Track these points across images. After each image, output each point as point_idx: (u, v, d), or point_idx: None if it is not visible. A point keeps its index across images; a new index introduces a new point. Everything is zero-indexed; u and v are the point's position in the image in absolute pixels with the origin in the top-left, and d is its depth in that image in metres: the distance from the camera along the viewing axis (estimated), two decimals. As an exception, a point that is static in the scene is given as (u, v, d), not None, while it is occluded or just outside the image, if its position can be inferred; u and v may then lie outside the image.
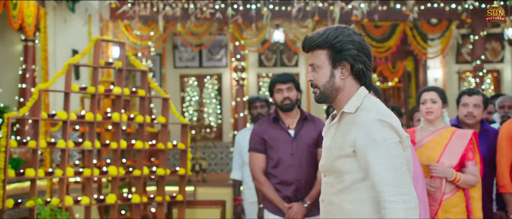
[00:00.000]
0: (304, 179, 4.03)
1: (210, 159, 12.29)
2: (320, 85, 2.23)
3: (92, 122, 5.27)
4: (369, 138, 2.10)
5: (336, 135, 2.23)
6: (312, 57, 2.25)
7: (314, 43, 2.22)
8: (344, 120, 2.22)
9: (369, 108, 2.18)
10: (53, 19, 8.96)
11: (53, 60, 8.92)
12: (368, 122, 2.12)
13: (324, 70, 2.22)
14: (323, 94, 2.24)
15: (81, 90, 5.26)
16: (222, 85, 12.65)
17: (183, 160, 5.68)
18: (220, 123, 12.58)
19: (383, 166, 2.06)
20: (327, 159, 2.24)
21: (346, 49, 2.19)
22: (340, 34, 2.20)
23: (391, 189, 2.03)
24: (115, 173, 5.30)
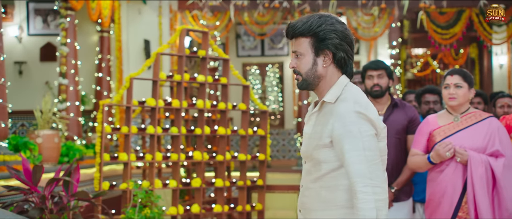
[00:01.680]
0: (391, 165, 4.06)
1: (272, 145, 12.49)
2: (303, 72, 2.26)
3: (178, 108, 5.51)
4: (345, 129, 2.15)
5: (316, 123, 2.27)
6: (295, 45, 2.28)
7: (298, 31, 2.24)
8: (325, 109, 2.26)
9: (348, 99, 2.21)
10: (126, 10, 9.29)
11: (126, 50, 9.27)
12: (346, 113, 2.17)
13: (307, 58, 2.25)
14: (305, 82, 2.27)
15: (168, 78, 5.50)
16: (283, 73, 12.81)
17: (263, 146, 5.86)
18: (282, 111, 12.75)
19: (357, 158, 2.13)
20: (307, 147, 2.28)
21: (328, 38, 2.22)
22: (323, 23, 2.22)
23: (363, 180, 2.10)
24: (200, 158, 5.53)
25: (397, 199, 4.05)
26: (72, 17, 7.78)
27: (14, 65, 9.10)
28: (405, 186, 4.08)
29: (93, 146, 8.14)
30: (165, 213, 5.35)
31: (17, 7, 9.36)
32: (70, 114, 7.72)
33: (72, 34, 7.79)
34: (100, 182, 5.16)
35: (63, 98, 7.73)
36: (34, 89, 9.21)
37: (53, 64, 9.24)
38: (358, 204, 2.11)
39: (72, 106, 7.78)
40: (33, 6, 9.42)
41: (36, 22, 9.48)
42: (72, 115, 7.77)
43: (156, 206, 5.04)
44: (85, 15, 8.55)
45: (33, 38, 9.48)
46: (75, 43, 7.88)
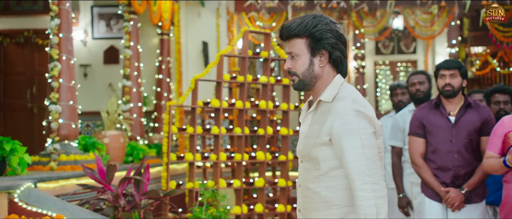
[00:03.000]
0: (463, 166, 4.01)
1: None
2: (299, 73, 2.27)
3: (241, 109, 5.60)
4: (344, 127, 2.16)
5: (312, 123, 2.29)
6: (290, 46, 2.28)
7: (293, 32, 2.25)
8: (321, 108, 2.27)
9: (346, 98, 2.21)
10: (185, 13, 9.49)
11: (185, 52, 9.46)
12: (345, 112, 2.17)
13: (303, 59, 2.26)
14: (302, 82, 2.28)
15: (232, 79, 5.60)
16: (338, 73, 12.75)
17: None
18: (338, 111, 12.69)
19: (356, 156, 2.14)
20: (304, 146, 2.29)
21: (325, 38, 2.23)
22: (319, 23, 2.24)
23: (362, 177, 2.12)
24: (263, 158, 5.61)
25: (469, 200, 4.00)
26: (135, 21, 8.02)
27: (79, 68, 9.44)
28: (477, 188, 4.02)
29: (155, 145, 8.36)
30: (229, 212, 5.45)
31: (82, 12, 9.70)
32: (133, 114, 7.96)
33: (135, 37, 8.03)
34: (167, 181, 5.31)
35: (127, 99, 7.97)
36: (98, 91, 9.53)
37: (116, 66, 9.53)
38: (357, 201, 2.12)
39: (135, 107, 8.02)
40: (97, 10, 9.74)
41: (100, 26, 9.80)
42: (135, 116, 8.00)
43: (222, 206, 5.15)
44: (146, 18, 8.78)
45: (97, 41, 9.81)
46: (137, 46, 8.11)
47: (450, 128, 4.06)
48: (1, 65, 10.05)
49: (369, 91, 11.94)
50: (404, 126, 4.89)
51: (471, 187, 4.00)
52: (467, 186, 4.01)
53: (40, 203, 4.11)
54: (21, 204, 4.07)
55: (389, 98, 6.31)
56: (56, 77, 5.88)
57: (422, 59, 12.24)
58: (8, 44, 10.02)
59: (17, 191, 4.09)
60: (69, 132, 5.99)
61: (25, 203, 4.07)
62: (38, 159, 5.85)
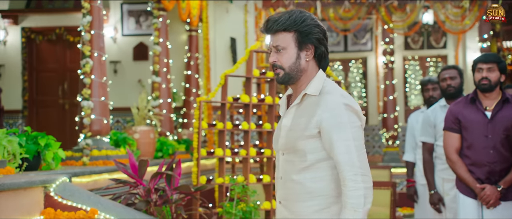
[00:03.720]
0: (499, 162, 3.93)
1: (356, 142, 12.44)
2: (286, 66, 2.30)
3: (271, 104, 5.60)
4: (335, 120, 2.22)
5: (297, 116, 2.32)
6: (276, 39, 2.30)
7: (282, 26, 2.28)
8: (307, 101, 2.31)
9: (333, 92, 2.27)
10: (214, 9, 9.53)
11: (213, 48, 9.51)
12: (335, 105, 2.23)
13: (290, 52, 2.29)
14: (288, 75, 2.30)
15: (261, 75, 5.61)
16: (367, 69, 12.68)
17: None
18: (366, 106, 12.63)
19: (347, 148, 2.20)
20: (287, 138, 2.31)
21: (312, 33, 2.27)
22: (307, 18, 2.29)
23: (353, 169, 2.18)
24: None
25: (505, 197, 3.93)
26: (164, 18, 8.08)
27: (109, 64, 9.56)
28: None
29: (184, 141, 8.43)
30: (259, 207, 5.46)
31: (112, 9, 9.82)
32: (162, 110, 8.04)
33: (164, 34, 8.10)
34: (198, 176, 5.34)
35: (156, 95, 8.05)
36: (127, 88, 9.64)
37: (145, 63, 9.63)
38: (347, 191, 2.19)
39: (164, 103, 8.09)
40: (127, 7, 9.85)
41: (129, 23, 9.91)
42: (164, 112, 8.08)
43: (252, 201, 5.16)
44: (175, 15, 8.85)
45: (126, 38, 9.92)
46: (166, 42, 8.18)
47: (486, 123, 3.98)
48: (34, 62, 10.24)
49: (398, 86, 11.83)
50: (435, 121, 4.83)
51: (507, 184, 3.92)
52: (503, 183, 3.93)
53: (74, 197, 4.17)
54: (57, 198, 4.14)
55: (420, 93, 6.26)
56: (88, 74, 5.97)
57: (453, 54, 12.08)
58: (41, 42, 10.20)
59: (52, 185, 4.16)
60: (101, 127, 6.07)
61: (61, 197, 4.14)
62: (71, 154, 5.95)
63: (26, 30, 10.13)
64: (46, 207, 4.11)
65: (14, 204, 3.79)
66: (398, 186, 8.78)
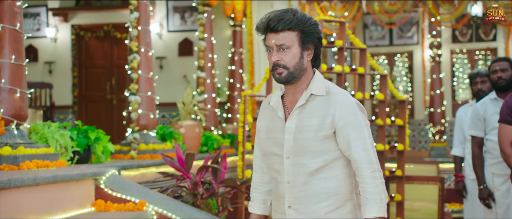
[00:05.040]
0: None
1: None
2: (290, 65, 2.27)
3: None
4: (351, 118, 2.25)
5: (303, 117, 2.29)
6: (280, 38, 2.25)
7: (288, 24, 2.24)
8: (314, 102, 2.30)
9: (340, 91, 2.31)
10: (257, 4, 9.56)
11: (257, 43, 9.54)
12: (348, 104, 2.27)
13: (294, 51, 2.27)
14: (292, 75, 2.27)
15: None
16: (413, 63, 12.48)
17: (401, 135, 5.78)
18: (412, 101, 12.44)
19: (364, 145, 2.25)
20: (296, 141, 2.29)
21: (315, 33, 2.28)
22: (310, 18, 2.29)
23: (371, 165, 2.25)
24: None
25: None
26: (209, 13, 8.16)
27: (155, 60, 9.72)
28: None
29: (229, 136, 8.50)
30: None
31: (158, 6, 9.98)
32: (207, 105, 8.13)
33: (208, 29, 8.18)
34: (243, 170, 5.39)
35: (201, 90, 8.15)
36: (173, 83, 9.78)
37: (189, 58, 9.75)
38: (369, 188, 2.24)
39: (209, 98, 8.18)
40: (172, 4, 10.00)
41: (174, 19, 10.05)
42: (209, 107, 8.16)
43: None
44: (219, 10, 8.92)
45: (172, 34, 10.07)
46: (211, 38, 8.26)
47: None
48: (83, 59, 10.51)
49: (446, 80, 11.60)
50: (485, 115, 4.72)
51: None
52: None
53: (124, 189, 4.28)
54: (107, 190, 4.25)
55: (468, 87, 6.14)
56: (135, 69, 6.09)
57: (503, 46, 11.75)
58: (89, 39, 10.46)
59: (103, 177, 4.28)
60: (148, 122, 6.20)
61: (111, 189, 4.26)
62: (119, 148, 6.09)
63: (76, 28, 10.41)
64: (97, 199, 4.23)
65: (67, 196, 3.92)
66: (446, 181, 8.62)
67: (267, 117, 2.42)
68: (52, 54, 10.40)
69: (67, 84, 10.33)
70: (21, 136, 4.25)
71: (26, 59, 4.38)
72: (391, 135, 11.20)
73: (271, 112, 2.41)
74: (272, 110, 2.40)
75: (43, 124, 4.69)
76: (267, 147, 2.40)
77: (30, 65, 8.78)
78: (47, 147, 4.42)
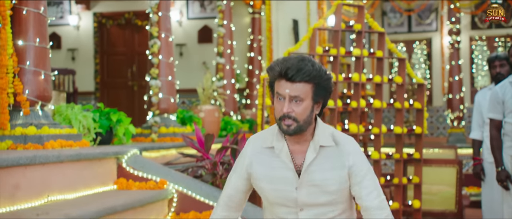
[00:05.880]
0: None
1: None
2: (301, 118, 2.17)
3: (335, 82, 5.64)
4: (366, 166, 2.28)
5: (317, 170, 2.25)
6: (295, 89, 2.14)
7: (307, 77, 2.14)
8: (324, 153, 2.26)
9: (347, 141, 2.29)
10: (276, -9, 9.60)
11: (276, 30, 9.58)
12: (359, 152, 2.29)
13: (306, 104, 2.17)
14: (300, 128, 2.19)
15: (324, 52, 5.64)
16: (431, 49, 12.42)
17: (419, 119, 5.80)
18: (430, 88, 12.39)
19: (378, 191, 2.28)
20: (311, 195, 2.25)
21: (329, 87, 2.21)
22: (326, 72, 2.19)
23: (388, 212, 2.28)
24: (356, 130, 5.62)
25: None
26: (228, 0, 8.22)
27: (175, 47, 9.84)
28: None
29: (247, 121, 8.58)
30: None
31: (177, -7, 10.09)
32: (226, 91, 8.21)
33: (228, 16, 8.25)
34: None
35: (220, 76, 8.23)
36: (192, 70, 9.89)
37: (209, 45, 9.84)
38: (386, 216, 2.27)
39: (228, 84, 8.26)
40: (192, -9, 10.10)
41: (194, 6, 10.14)
42: (228, 92, 8.25)
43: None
44: (239, -3, 8.99)
45: (191, 21, 10.17)
46: (230, 25, 8.32)
47: None
48: (105, 46, 10.67)
49: (464, 67, 11.53)
50: (504, 98, 4.73)
51: None
52: None
53: (145, 168, 4.38)
54: (129, 169, 4.36)
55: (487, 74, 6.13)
56: (156, 54, 6.20)
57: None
58: (111, 26, 10.61)
59: (124, 156, 4.39)
60: (168, 105, 6.30)
61: (132, 168, 4.36)
62: (140, 131, 6.21)
63: (98, 15, 10.56)
64: (119, 177, 4.35)
65: (90, 174, 4.03)
66: (464, 167, 8.61)
67: (266, 163, 2.30)
68: (74, 41, 10.57)
69: (89, 71, 10.51)
70: (45, 117, 4.37)
71: (49, 42, 4.49)
72: (409, 121, 11.18)
73: (270, 158, 2.29)
74: (271, 155, 2.29)
75: (67, 106, 4.82)
76: (272, 198, 2.31)
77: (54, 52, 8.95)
78: (71, 128, 4.54)
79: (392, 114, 12.11)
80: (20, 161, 3.24)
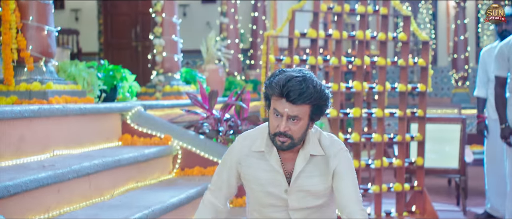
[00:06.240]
0: None
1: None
2: (297, 136, 2.20)
3: (338, 39, 5.61)
4: (347, 166, 2.30)
5: (307, 176, 2.29)
6: (294, 109, 2.15)
7: (308, 100, 2.14)
8: (314, 161, 2.29)
9: (331, 143, 2.30)
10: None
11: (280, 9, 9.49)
12: (343, 152, 2.30)
13: (303, 123, 2.19)
14: (293, 145, 2.22)
15: (328, 10, 5.59)
16: (437, 9, 12.29)
17: (424, 76, 5.78)
18: (435, 48, 12.31)
19: (357, 192, 2.29)
20: (301, 199, 2.30)
21: (326, 107, 2.22)
22: (326, 92, 2.20)
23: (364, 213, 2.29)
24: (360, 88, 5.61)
25: None
26: (232, -42, 8.13)
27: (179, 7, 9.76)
28: None
29: (251, 81, 8.58)
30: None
31: (181, -48, 9.96)
32: (230, 50, 8.18)
33: (232, -26, 8.16)
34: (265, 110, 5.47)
35: (224, 36, 8.19)
36: (196, 30, 9.85)
37: (213, 5, 9.77)
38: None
39: (232, 44, 8.23)
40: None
41: (197, -35, 10.04)
42: (232, 52, 8.22)
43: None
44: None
45: (195, -20, 10.08)
46: (235, -17, 8.24)
47: None
48: (108, 6, 10.60)
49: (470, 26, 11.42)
50: (510, 55, 4.71)
51: None
52: None
53: (149, 124, 4.41)
54: (133, 125, 4.39)
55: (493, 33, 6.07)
56: (159, 12, 6.16)
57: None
58: (113, -14, 10.54)
59: (129, 113, 4.41)
60: (172, 65, 6.30)
61: (136, 124, 4.39)
62: (145, 90, 6.23)
63: (100, -25, 10.48)
64: (123, 134, 4.38)
65: (94, 129, 4.06)
66: (468, 127, 8.62)
67: (255, 166, 2.33)
68: (78, 1, 10.50)
69: (93, 32, 10.48)
70: (49, 73, 4.38)
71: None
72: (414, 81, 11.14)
73: (259, 161, 2.32)
74: (260, 158, 2.32)
75: (71, 63, 4.82)
76: (262, 199, 2.35)
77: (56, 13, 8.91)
78: (75, 84, 4.55)
79: (397, 75, 12.06)
80: (25, 113, 3.26)
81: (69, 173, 3.03)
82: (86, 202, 3.20)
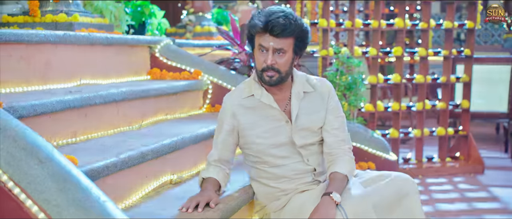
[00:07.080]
0: None
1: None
2: (284, 70, 2.29)
3: None
4: (336, 102, 2.45)
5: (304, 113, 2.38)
6: (280, 42, 2.23)
7: (291, 33, 2.23)
8: (307, 98, 2.40)
9: (319, 81, 2.43)
10: None
11: None
12: (331, 89, 2.44)
13: (288, 56, 2.27)
14: (282, 79, 2.30)
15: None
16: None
17: (472, 12, 5.40)
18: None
19: (343, 125, 2.43)
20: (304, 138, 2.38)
21: (307, 39, 2.30)
22: (305, 24, 2.29)
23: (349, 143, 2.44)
24: (402, 25, 5.28)
25: None
26: None
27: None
28: None
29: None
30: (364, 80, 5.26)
31: None
32: (264, -7, 7.87)
33: None
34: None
35: (257, -22, 7.88)
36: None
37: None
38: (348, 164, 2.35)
39: (266, -14, 7.91)
40: None
41: None
42: (266, -5, 7.91)
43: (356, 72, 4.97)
44: None
45: None
46: None
47: None
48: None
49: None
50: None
51: None
52: None
53: (179, 58, 4.19)
54: (162, 59, 4.18)
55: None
56: None
57: None
58: None
59: (158, 46, 4.19)
60: (202, 4, 6.06)
61: (166, 58, 4.18)
62: (175, 30, 6.02)
63: None
64: (152, 68, 4.18)
65: (123, 62, 3.86)
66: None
67: (250, 112, 2.39)
68: None
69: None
70: (76, 5, 4.18)
71: None
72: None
73: (253, 106, 2.39)
74: (252, 103, 2.39)
75: (97, -4, 4.60)
76: (268, 140, 2.38)
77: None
78: (102, 18, 4.35)
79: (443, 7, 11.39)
80: (50, 38, 3.08)
81: (96, 98, 2.86)
82: (114, 130, 3.03)
